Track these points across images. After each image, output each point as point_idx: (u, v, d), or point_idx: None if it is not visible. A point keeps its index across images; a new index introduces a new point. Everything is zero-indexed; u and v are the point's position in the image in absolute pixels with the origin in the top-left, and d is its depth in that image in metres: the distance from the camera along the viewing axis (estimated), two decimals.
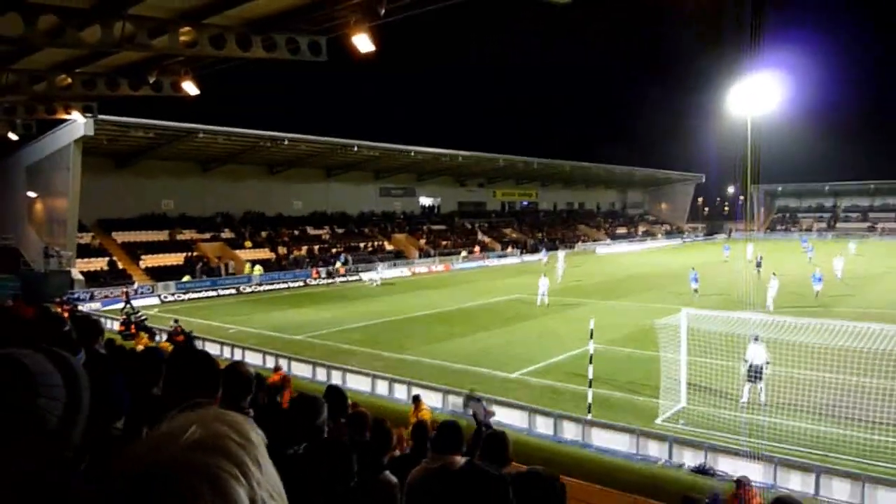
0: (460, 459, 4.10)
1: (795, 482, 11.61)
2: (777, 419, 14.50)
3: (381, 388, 18.33)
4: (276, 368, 17.34)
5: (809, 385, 16.18)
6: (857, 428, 13.91)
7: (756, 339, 15.99)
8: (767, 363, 15.94)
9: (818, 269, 34.30)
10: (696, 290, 33.67)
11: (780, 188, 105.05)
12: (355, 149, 52.41)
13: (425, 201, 73.61)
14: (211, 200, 51.71)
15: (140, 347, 15.36)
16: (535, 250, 68.63)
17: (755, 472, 11.97)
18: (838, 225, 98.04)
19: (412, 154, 57.43)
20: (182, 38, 13.73)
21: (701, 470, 12.48)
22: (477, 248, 62.99)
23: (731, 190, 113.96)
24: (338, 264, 49.55)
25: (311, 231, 56.87)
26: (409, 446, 7.67)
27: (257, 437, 0.91)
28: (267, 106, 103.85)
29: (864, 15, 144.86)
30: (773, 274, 31.80)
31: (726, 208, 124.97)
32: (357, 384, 18.66)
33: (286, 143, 47.16)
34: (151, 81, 16.93)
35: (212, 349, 21.73)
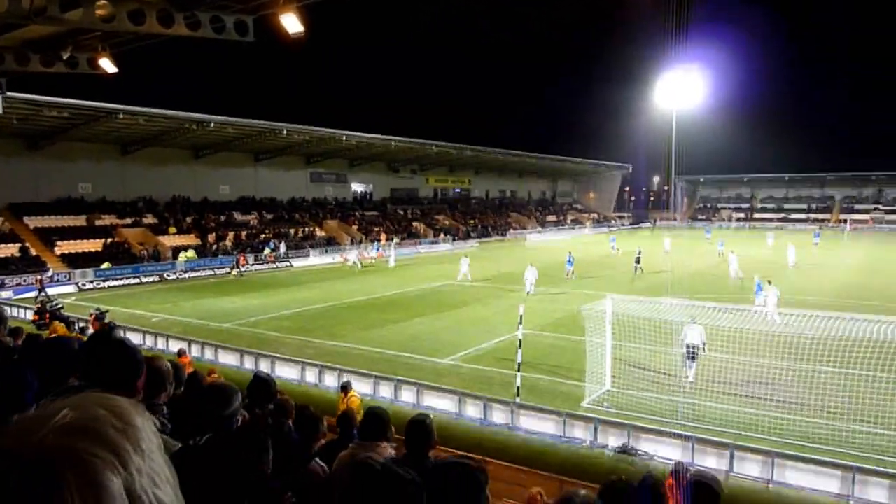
0: (386, 447, 4.09)
1: (711, 460, 12.16)
2: (696, 400, 15.13)
3: (311, 375, 18.12)
4: (181, 353, 16.82)
5: (727, 367, 17.01)
6: (769, 407, 14.69)
7: (693, 320, 16.70)
8: (704, 344, 16.70)
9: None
10: (570, 272, 38.04)
11: (701, 179, 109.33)
12: (285, 132, 51.28)
13: (358, 188, 72.89)
14: (132, 184, 49.55)
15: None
16: (467, 237, 69.21)
17: (674, 451, 12.50)
18: (755, 216, 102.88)
19: (344, 139, 56.67)
20: (98, 12, 13.05)
21: (624, 450, 12.92)
22: (383, 236, 59.42)
23: (656, 180, 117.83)
24: (266, 251, 48.55)
25: (238, 217, 55.43)
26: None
27: (143, 422, 0.85)
28: (193, 87, 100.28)
29: (780, 12, 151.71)
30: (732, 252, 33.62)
31: (652, 198, 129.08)
32: (286, 372, 18.39)
33: (212, 125, 45.69)
34: (65, 58, 16.04)
35: (134, 339, 20.91)
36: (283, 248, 50.50)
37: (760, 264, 39.93)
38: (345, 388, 12.93)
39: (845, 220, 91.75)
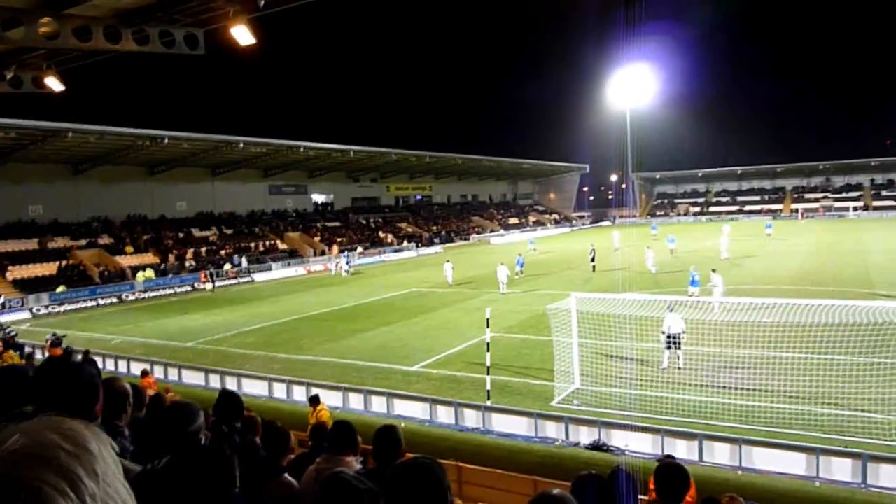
0: (353, 460, 4.04)
1: (681, 450, 12.33)
2: (663, 393, 15.36)
3: (279, 391, 17.86)
4: (144, 374, 16.46)
5: (693, 358, 17.33)
6: (735, 395, 14.98)
7: (671, 309, 17.01)
8: (684, 332, 17.10)
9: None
10: (519, 272, 38.52)
11: (658, 175, 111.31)
12: (241, 145, 50.66)
13: (318, 198, 72.35)
14: (86, 204, 48.35)
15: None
16: (430, 243, 69.21)
17: (644, 444, 12.66)
18: (711, 209, 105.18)
19: (302, 150, 56.22)
20: (42, 30, 12.70)
21: (595, 446, 13.03)
22: (335, 249, 57.35)
23: (613, 178, 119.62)
24: (227, 266, 47.82)
25: (197, 233, 54.51)
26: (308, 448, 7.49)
27: (99, 446, 0.81)
28: (146, 102, 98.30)
29: (731, 9, 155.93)
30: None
31: (610, 196, 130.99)
32: (253, 389, 18.11)
33: (166, 141, 44.81)
34: (9, 77, 15.55)
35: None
36: (244, 262, 49.81)
37: (705, 257, 40.80)
38: (314, 401, 12.77)
39: (797, 210, 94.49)
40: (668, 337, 17.07)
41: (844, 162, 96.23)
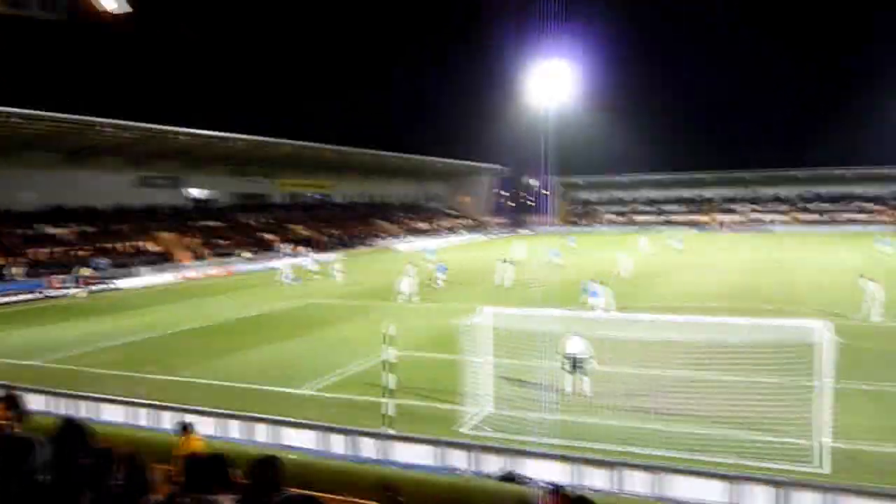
0: (225, 498, 3.92)
1: (598, 480, 12.73)
2: (580, 417, 15.81)
3: (144, 417, 17.11)
4: None
5: (609, 380, 17.94)
6: (653, 419, 15.62)
7: (575, 333, 17.56)
8: (591, 357, 17.55)
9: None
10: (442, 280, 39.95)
11: (580, 181, 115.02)
12: (106, 128, 48.43)
13: (197, 193, 70.08)
14: None
15: None
16: (328, 248, 68.39)
17: (559, 473, 12.97)
18: (635, 218, 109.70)
19: (178, 137, 54.52)
20: None
21: (506, 477, 13.22)
22: (186, 254, 55.10)
23: (533, 183, 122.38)
24: (85, 270, 45.44)
25: (49, 230, 51.54)
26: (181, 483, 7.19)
27: None
28: None
29: (655, 10, 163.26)
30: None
31: (529, 201, 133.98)
32: (112, 415, 17.29)
33: (13, 120, 42.20)
34: None
35: None
36: (105, 266, 47.58)
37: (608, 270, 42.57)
38: (185, 429, 12.29)
39: (722, 222, 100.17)
40: (571, 360, 17.55)
41: (770, 173, 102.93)
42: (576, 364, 17.51)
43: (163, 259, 53.82)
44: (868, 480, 12.30)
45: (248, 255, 58.83)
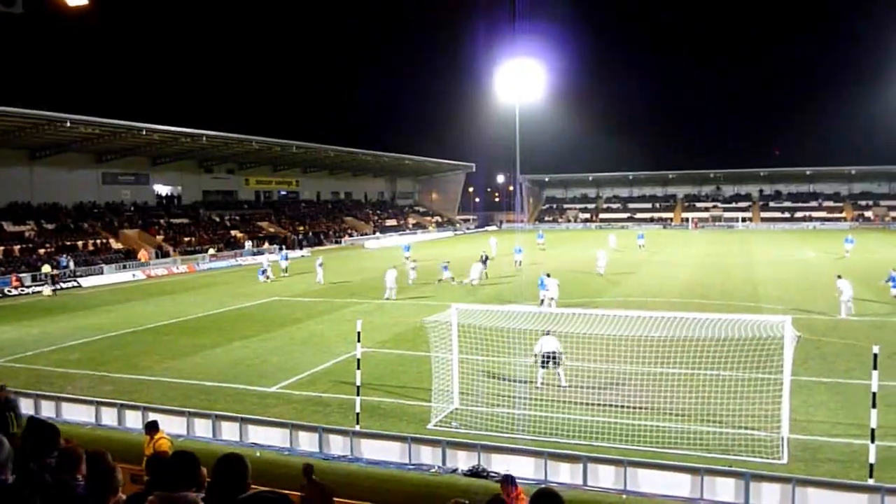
0: (195, 497, 3.89)
1: (565, 474, 12.85)
2: (547, 412, 15.93)
3: (109, 416, 16.88)
4: None
5: (577, 374, 18.10)
6: (620, 414, 15.81)
7: (548, 333, 17.81)
8: (562, 353, 17.84)
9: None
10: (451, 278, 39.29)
11: (547, 178, 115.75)
12: (68, 124, 47.52)
13: (162, 190, 69.16)
14: None
15: None
16: (299, 246, 67.95)
17: (527, 468, 13.06)
18: (601, 215, 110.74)
19: (144, 133, 53.58)
20: None
21: (474, 472, 13.29)
22: (144, 254, 53.64)
23: (501, 180, 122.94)
24: (47, 268, 44.60)
25: (9, 228, 50.47)
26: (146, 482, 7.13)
27: None
28: None
29: (622, 11, 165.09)
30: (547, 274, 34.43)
31: (497, 199, 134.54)
32: (76, 415, 17.03)
33: None
34: None
35: None
36: (71, 264, 46.71)
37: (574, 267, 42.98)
38: (151, 428, 12.15)
39: (688, 219, 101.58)
40: (543, 356, 17.76)
41: (734, 171, 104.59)
42: (549, 361, 17.73)
43: (127, 256, 53.00)
44: (826, 471, 12.61)
45: (215, 252, 58.20)
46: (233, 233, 67.28)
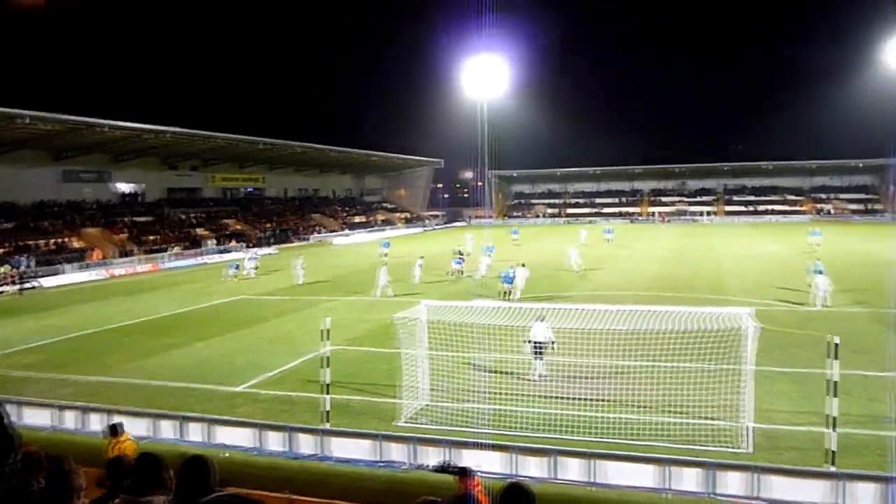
0: (162, 499, 3.85)
1: (533, 468, 12.96)
2: (515, 407, 16.03)
3: (71, 420, 16.59)
4: None
5: (545, 369, 18.24)
6: (587, 407, 15.97)
7: (540, 318, 17.92)
8: (553, 342, 18.03)
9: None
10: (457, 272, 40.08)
11: (514, 174, 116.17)
12: (27, 120, 46.47)
13: (124, 187, 67.97)
14: None
15: None
16: (266, 244, 67.35)
17: (495, 463, 13.14)
18: (568, 211, 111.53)
19: (105, 130, 52.66)
20: None
21: (443, 468, 13.31)
22: (97, 253, 53.06)
23: (468, 176, 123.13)
24: (5, 268, 43.64)
25: None
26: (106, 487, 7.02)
27: None
28: None
29: (588, 6, 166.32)
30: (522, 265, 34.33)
31: (465, 194, 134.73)
32: (37, 418, 16.69)
33: None
34: None
35: None
36: (30, 264, 45.76)
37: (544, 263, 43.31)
38: (115, 430, 11.97)
39: (653, 213, 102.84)
40: (535, 345, 17.96)
41: (699, 166, 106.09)
42: (538, 350, 18.02)
43: (88, 256, 52.03)
44: (788, 459, 12.89)
45: (179, 250, 57.45)
46: (198, 231, 66.43)
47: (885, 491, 11.31)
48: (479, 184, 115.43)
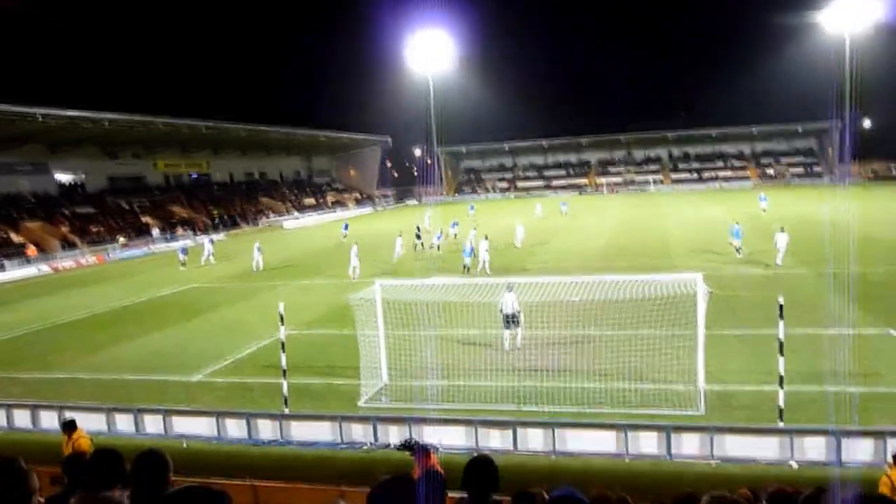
0: (121, 494, 3.78)
1: (496, 441, 13.12)
2: (475, 381, 16.18)
3: (22, 419, 16.18)
4: None
5: (501, 342, 18.44)
6: (546, 378, 16.20)
7: (509, 289, 18.08)
8: (519, 311, 18.28)
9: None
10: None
11: (464, 149, 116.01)
12: None
13: (64, 178, 65.82)
14: None
15: None
16: (214, 230, 66.19)
17: (458, 437, 13.28)
18: (518, 184, 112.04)
19: (39, 118, 50.83)
20: None
21: (406, 445, 13.38)
22: (32, 249, 50.54)
23: (417, 153, 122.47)
24: None
25: None
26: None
27: None
28: None
29: None
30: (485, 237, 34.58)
31: (415, 172, 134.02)
32: None
33: None
34: None
35: None
36: None
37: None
38: (68, 427, 11.72)
39: (602, 184, 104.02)
40: (505, 316, 18.19)
41: (644, 135, 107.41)
42: (510, 321, 18.26)
43: (29, 250, 50.40)
44: (741, 418, 13.32)
45: (124, 240, 56.10)
46: (143, 219, 64.88)
47: (830, 443, 11.79)
48: (430, 162, 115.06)
